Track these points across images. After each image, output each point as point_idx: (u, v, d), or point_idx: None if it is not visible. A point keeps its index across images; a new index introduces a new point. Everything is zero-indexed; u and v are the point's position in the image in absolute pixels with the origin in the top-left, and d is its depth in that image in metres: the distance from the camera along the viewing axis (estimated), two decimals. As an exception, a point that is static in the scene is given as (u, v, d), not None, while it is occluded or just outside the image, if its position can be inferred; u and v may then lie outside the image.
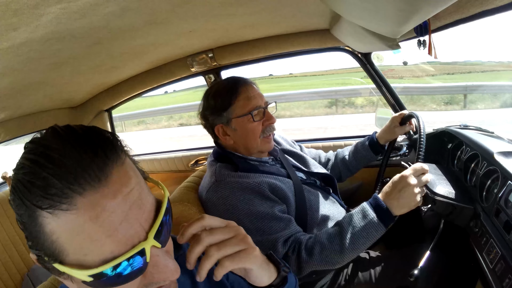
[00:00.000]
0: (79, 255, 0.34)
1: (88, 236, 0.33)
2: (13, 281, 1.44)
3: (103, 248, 0.33)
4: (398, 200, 0.80)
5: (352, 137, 1.69)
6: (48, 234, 0.33)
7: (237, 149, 1.05)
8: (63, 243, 0.33)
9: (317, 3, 0.92)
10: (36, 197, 0.32)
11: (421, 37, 0.79)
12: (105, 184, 0.33)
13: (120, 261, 0.34)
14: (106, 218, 0.33)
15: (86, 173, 0.32)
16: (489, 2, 0.69)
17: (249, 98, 1.00)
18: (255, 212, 0.89)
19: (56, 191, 0.32)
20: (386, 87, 1.43)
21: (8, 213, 1.53)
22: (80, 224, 0.32)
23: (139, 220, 0.35)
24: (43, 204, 0.32)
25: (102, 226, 0.33)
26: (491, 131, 1.18)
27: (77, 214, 0.32)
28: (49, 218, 0.33)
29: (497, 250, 0.72)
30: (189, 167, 2.00)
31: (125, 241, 0.34)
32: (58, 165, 0.32)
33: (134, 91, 1.73)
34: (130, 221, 0.35)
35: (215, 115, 1.02)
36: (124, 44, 1.05)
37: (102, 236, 0.33)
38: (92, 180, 0.33)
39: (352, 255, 0.83)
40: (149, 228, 0.36)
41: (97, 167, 0.33)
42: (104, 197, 0.33)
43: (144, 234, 0.36)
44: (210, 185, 0.97)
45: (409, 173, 0.81)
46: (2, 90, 1.03)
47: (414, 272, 0.86)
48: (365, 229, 0.81)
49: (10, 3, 0.51)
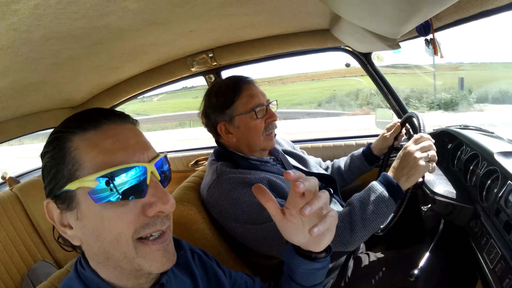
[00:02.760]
0: (93, 164, 0.41)
1: (104, 148, 0.42)
2: (13, 281, 1.44)
3: (115, 156, 0.42)
4: (405, 172, 0.83)
5: (352, 137, 1.69)
6: (72, 151, 0.42)
7: (239, 147, 1.05)
8: (83, 155, 0.42)
9: (317, 3, 0.92)
10: (73, 124, 0.44)
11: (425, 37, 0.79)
12: (124, 123, 0.47)
13: (127, 166, 0.41)
14: (121, 138, 0.44)
15: (111, 115, 0.46)
16: (489, 2, 0.69)
17: (251, 95, 1.01)
18: (259, 202, 0.89)
19: (89, 119, 0.44)
20: (387, 87, 1.43)
21: (8, 213, 1.53)
22: (101, 139, 0.43)
23: (146, 151, 0.45)
24: (78, 126, 0.43)
25: (118, 141, 0.43)
26: (491, 131, 1.18)
27: (101, 132, 0.44)
28: (77, 137, 0.43)
29: (497, 250, 0.72)
30: (189, 167, 2.00)
31: (133, 156, 0.43)
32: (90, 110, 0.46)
33: (134, 91, 1.73)
34: (139, 147, 0.45)
35: (218, 113, 1.02)
36: (124, 44, 1.05)
37: (116, 148, 0.43)
38: (116, 118, 0.46)
39: (364, 234, 0.83)
40: (152, 160, 0.45)
41: (119, 115, 0.48)
42: (122, 128, 0.46)
43: (147, 160, 0.45)
44: (212, 182, 0.97)
45: (410, 143, 0.85)
46: (2, 90, 1.03)
47: (414, 272, 0.86)
48: (376, 206, 0.82)
49: (10, 3, 0.51)
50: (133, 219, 0.42)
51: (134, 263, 0.43)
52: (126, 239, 0.42)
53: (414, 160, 0.82)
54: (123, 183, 0.41)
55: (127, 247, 0.42)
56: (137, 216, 0.42)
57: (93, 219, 0.42)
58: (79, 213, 0.42)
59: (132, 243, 0.42)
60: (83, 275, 0.47)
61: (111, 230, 0.42)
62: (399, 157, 0.87)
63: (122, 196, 0.41)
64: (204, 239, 0.98)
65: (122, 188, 0.41)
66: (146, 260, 0.43)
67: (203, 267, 0.64)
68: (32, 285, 1.40)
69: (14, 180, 1.97)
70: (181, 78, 1.67)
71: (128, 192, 0.41)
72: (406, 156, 0.84)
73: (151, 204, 0.43)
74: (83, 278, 0.47)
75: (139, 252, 0.43)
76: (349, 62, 1.53)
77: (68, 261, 1.32)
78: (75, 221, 0.43)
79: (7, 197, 1.57)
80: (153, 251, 0.44)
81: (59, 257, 1.61)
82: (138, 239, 0.43)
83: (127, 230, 0.42)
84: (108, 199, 0.41)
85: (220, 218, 0.97)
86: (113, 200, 0.41)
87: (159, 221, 0.44)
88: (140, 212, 0.43)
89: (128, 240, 0.42)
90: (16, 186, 1.65)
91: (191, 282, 0.59)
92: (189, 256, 0.63)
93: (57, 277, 0.66)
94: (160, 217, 0.44)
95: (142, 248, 0.43)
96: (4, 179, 2.02)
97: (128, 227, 0.42)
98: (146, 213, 0.43)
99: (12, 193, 1.60)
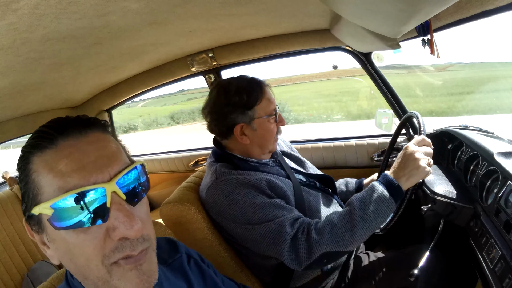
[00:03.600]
0: (50, 189, 0.38)
1: (59, 171, 0.38)
2: (13, 281, 1.44)
3: (69, 180, 0.38)
4: (406, 172, 0.83)
5: (352, 137, 1.69)
6: (32, 173, 0.40)
7: (248, 150, 1.04)
8: (41, 180, 0.39)
9: (317, 3, 0.92)
10: (31, 144, 0.41)
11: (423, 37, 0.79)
12: (85, 136, 0.41)
13: (79, 191, 0.37)
14: (77, 156, 0.39)
15: (71, 127, 0.41)
16: (489, 3, 0.69)
17: (270, 99, 1.02)
18: (257, 203, 0.90)
19: (45, 136, 0.40)
20: (387, 87, 1.43)
21: (8, 213, 1.53)
22: (56, 159, 0.39)
23: (107, 168, 0.40)
24: (34, 146, 0.40)
25: (72, 161, 0.39)
26: (491, 132, 1.18)
27: (56, 151, 0.39)
28: (35, 158, 0.40)
29: (497, 250, 0.72)
30: (189, 168, 2.00)
31: (89, 178, 0.38)
32: (52, 122, 0.42)
33: (134, 91, 1.73)
34: (98, 165, 0.40)
35: (238, 113, 0.99)
36: (124, 44, 1.05)
37: (70, 170, 0.38)
38: (76, 131, 0.41)
39: (363, 234, 0.82)
40: (115, 176, 0.40)
41: (82, 125, 0.42)
42: (80, 142, 0.40)
43: (108, 179, 0.40)
44: (211, 183, 0.97)
45: (412, 144, 0.86)
46: (2, 90, 1.03)
47: (414, 272, 0.86)
48: (376, 205, 0.82)
49: (10, 3, 0.51)
50: (98, 245, 0.39)
51: (111, 285, 0.40)
52: (96, 264, 0.39)
53: (415, 161, 0.82)
54: (79, 209, 0.37)
55: (98, 272, 0.39)
56: (103, 241, 0.39)
57: (61, 243, 0.40)
58: (48, 237, 0.41)
59: (105, 268, 0.39)
60: (73, 284, 0.46)
61: (79, 256, 0.39)
62: (399, 157, 0.87)
63: (80, 222, 0.38)
64: (204, 239, 0.98)
65: (80, 214, 0.38)
66: (121, 282, 0.40)
67: (200, 272, 0.63)
68: (32, 285, 1.40)
69: (14, 180, 1.97)
70: (181, 78, 1.67)
71: (85, 219, 0.38)
72: (407, 156, 0.84)
73: (114, 228, 0.39)
74: (73, 287, 0.46)
75: (114, 275, 0.40)
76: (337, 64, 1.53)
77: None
78: (48, 243, 0.42)
79: (7, 197, 1.57)
80: (126, 271, 0.40)
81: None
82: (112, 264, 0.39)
83: (95, 256, 0.39)
84: (66, 226, 0.38)
85: (219, 218, 0.97)
86: (71, 227, 0.38)
87: (127, 244, 0.39)
88: (106, 236, 0.39)
89: (98, 265, 0.39)
90: (16, 186, 1.65)
91: (186, 287, 0.58)
92: (185, 260, 0.62)
93: (57, 278, 0.66)
94: (129, 240, 0.40)
95: (117, 270, 0.40)
96: (4, 179, 2.02)
97: (95, 253, 0.39)
98: (111, 237, 0.39)
99: (12, 193, 1.60)
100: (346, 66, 21.32)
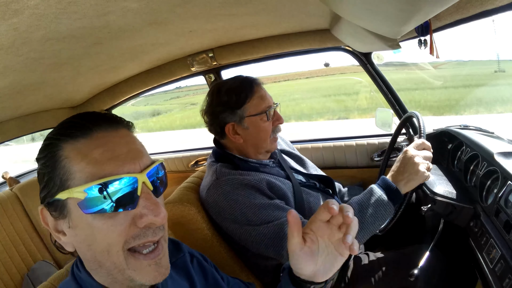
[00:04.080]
0: (83, 175, 0.40)
1: (93, 158, 0.41)
2: (13, 281, 1.44)
3: (104, 167, 0.41)
4: (405, 176, 0.83)
5: (352, 137, 1.69)
6: (63, 160, 0.41)
7: (244, 149, 1.04)
8: (73, 166, 0.41)
9: (317, 3, 0.92)
10: (64, 131, 0.43)
11: (422, 37, 0.79)
12: (116, 131, 0.45)
13: (115, 178, 0.40)
14: (111, 147, 0.42)
15: (103, 121, 0.44)
16: (489, 3, 0.69)
17: (263, 97, 1.01)
18: (258, 204, 0.90)
19: (79, 126, 0.43)
20: (387, 87, 1.43)
21: (8, 213, 1.53)
22: (90, 148, 0.42)
23: (138, 160, 0.43)
24: (66, 135, 0.42)
25: (107, 151, 0.42)
26: (491, 132, 1.18)
27: (90, 140, 0.42)
28: (67, 145, 0.42)
29: (497, 250, 0.72)
30: (189, 168, 2.00)
31: (123, 167, 0.42)
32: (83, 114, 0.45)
33: (134, 91, 1.73)
34: (130, 157, 0.43)
35: (228, 112, 1.00)
36: (124, 44, 1.05)
37: (105, 159, 0.41)
38: (107, 125, 0.44)
39: (361, 237, 0.83)
40: (145, 169, 0.44)
41: (113, 120, 0.46)
42: (112, 135, 0.44)
43: (139, 170, 0.43)
44: (211, 183, 0.97)
45: (411, 148, 0.86)
46: (2, 90, 1.03)
47: (414, 272, 0.86)
48: (374, 209, 0.82)
49: (10, 3, 0.51)
50: (124, 230, 0.41)
51: (125, 274, 0.43)
52: (117, 250, 0.41)
53: (415, 165, 0.82)
54: (113, 194, 0.40)
55: (118, 258, 0.42)
56: (128, 227, 0.42)
57: (84, 229, 0.42)
58: (71, 222, 0.42)
59: (123, 254, 0.42)
60: (80, 278, 0.47)
61: (101, 241, 0.41)
62: (399, 160, 0.86)
63: (111, 207, 0.40)
64: (203, 239, 0.98)
65: (112, 200, 0.40)
66: (137, 273, 0.43)
67: (202, 272, 0.64)
68: (32, 285, 1.40)
69: (14, 180, 1.97)
70: (181, 78, 1.67)
71: (118, 204, 0.41)
72: (407, 160, 0.84)
73: (142, 215, 0.42)
74: (79, 281, 0.47)
75: (129, 264, 0.42)
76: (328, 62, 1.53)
77: (68, 261, 1.33)
78: (67, 228, 0.43)
79: (7, 197, 1.57)
80: (144, 266, 0.43)
81: (59, 257, 1.61)
82: (129, 250, 0.42)
83: (117, 241, 0.41)
84: (97, 211, 0.40)
85: (218, 219, 0.97)
86: (102, 211, 0.40)
87: (150, 232, 0.43)
88: (131, 223, 0.42)
89: (118, 252, 0.42)
90: (16, 186, 1.65)
91: (189, 286, 0.59)
92: (188, 259, 0.63)
93: (57, 278, 0.66)
94: (152, 228, 0.43)
95: (133, 262, 0.43)
96: (4, 179, 2.02)
97: (119, 238, 0.41)
98: (137, 224, 0.42)
99: (12, 193, 1.60)
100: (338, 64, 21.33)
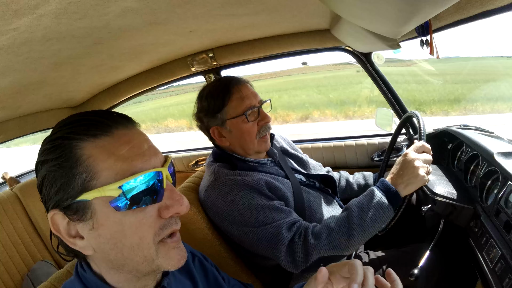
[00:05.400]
0: (111, 172, 0.41)
1: (121, 155, 0.41)
2: (13, 281, 1.44)
3: (133, 163, 0.42)
4: (404, 180, 0.82)
5: (352, 137, 1.69)
6: (85, 159, 0.40)
7: (234, 150, 1.05)
8: (98, 163, 0.41)
9: (317, 3, 0.92)
10: (79, 130, 0.42)
11: (422, 37, 0.79)
12: (132, 128, 0.45)
13: (146, 173, 0.41)
14: (137, 143, 0.44)
15: (121, 118, 0.45)
16: (489, 3, 0.69)
17: (242, 98, 0.99)
18: (255, 205, 0.90)
19: (98, 125, 0.42)
20: (387, 87, 1.43)
21: (8, 213, 1.53)
22: (115, 146, 0.42)
23: (158, 156, 0.45)
24: (84, 134, 0.41)
25: (133, 148, 0.43)
26: (491, 131, 1.18)
27: (114, 138, 0.42)
28: (88, 144, 0.41)
29: (497, 250, 0.72)
30: (189, 168, 2.00)
31: (149, 162, 0.43)
32: (99, 112, 0.45)
33: (134, 90, 1.73)
34: (152, 153, 0.45)
35: (209, 117, 1.01)
36: (124, 44, 1.05)
37: (133, 155, 0.42)
38: (126, 122, 0.45)
39: (360, 239, 0.83)
40: (165, 164, 0.46)
41: (128, 118, 0.47)
42: (133, 133, 0.45)
43: (161, 165, 0.45)
44: (209, 183, 0.97)
45: (411, 151, 0.85)
46: (2, 90, 1.03)
47: (414, 271, 0.86)
48: (374, 211, 0.82)
49: (10, 3, 0.51)
50: (152, 223, 0.43)
51: (153, 264, 0.44)
52: (148, 243, 0.43)
53: (414, 169, 0.82)
54: (143, 190, 0.41)
55: (149, 250, 0.43)
56: (155, 219, 0.44)
57: (112, 227, 0.42)
58: (95, 223, 0.42)
59: (154, 246, 0.44)
60: (85, 278, 0.47)
61: (132, 236, 0.42)
62: (398, 163, 0.86)
63: (143, 202, 0.42)
64: (203, 239, 0.98)
65: (142, 195, 0.42)
66: (165, 259, 0.45)
67: (203, 271, 0.64)
68: (32, 285, 1.40)
69: (14, 180, 1.97)
70: (181, 78, 1.67)
71: (148, 198, 0.42)
72: (406, 163, 0.83)
73: (168, 206, 0.44)
74: (84, 281, 0.47)
75: (160, 253, 0.44)
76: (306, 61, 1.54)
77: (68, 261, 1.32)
78: (88, 231, 0.42)
79: (7, 197, 1.57)
80: (171, 249, 0.45)
81: (59, 257, 1.61)
82: (159, 242, 0.44)
83: (148, 234, 0.43)
84: (130, 207, 0.41)
85: (216, 219, 0.97)
86: (134, 207, 0.41)
87: (173, 221, 0.46)
88: (157, 215, 0.44)
89: (149, 244, 0.43)
90: (16, 186, 1.65)
91: (191, 284, 0.59)
92: (190, 258, 0.64)
93: (57, 278, 0.66)
94: (174, 218, 0.46)
95: (163, 248, 0.45)
96: (4, 179, 2.02)
97: (149, 231, 0.43)
98: (162, 215, 0.44)
99: (12, 193, 1.60)
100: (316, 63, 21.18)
